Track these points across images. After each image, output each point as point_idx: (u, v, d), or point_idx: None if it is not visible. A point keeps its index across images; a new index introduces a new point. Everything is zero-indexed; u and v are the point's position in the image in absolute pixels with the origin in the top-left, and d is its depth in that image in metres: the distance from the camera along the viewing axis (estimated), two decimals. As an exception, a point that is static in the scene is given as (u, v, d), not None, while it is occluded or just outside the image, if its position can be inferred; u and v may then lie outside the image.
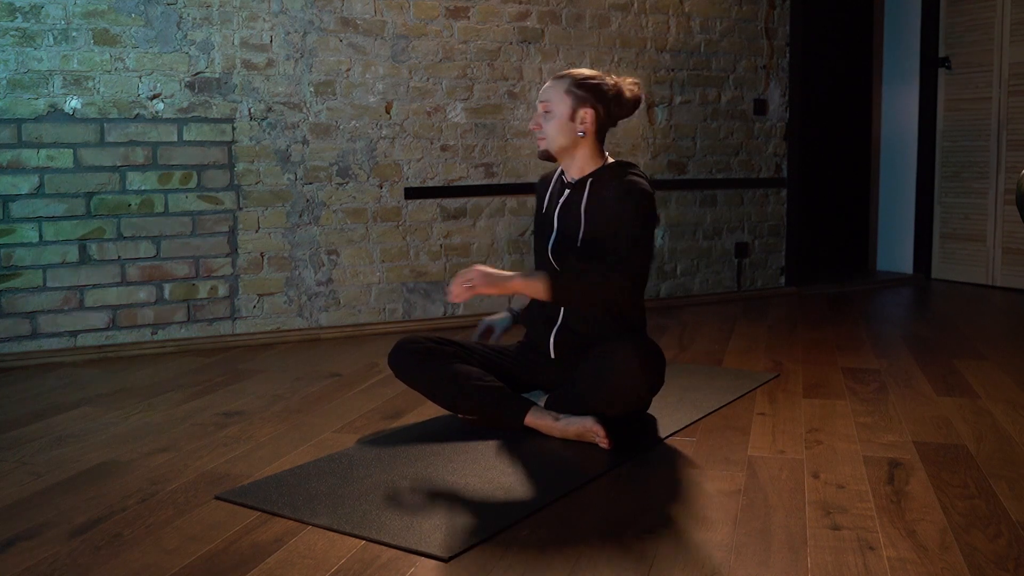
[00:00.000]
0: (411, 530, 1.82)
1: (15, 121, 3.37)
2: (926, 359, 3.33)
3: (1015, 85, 4.90)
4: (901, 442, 2.37)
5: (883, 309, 4.61)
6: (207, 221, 3.67)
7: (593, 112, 2.45)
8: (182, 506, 1.98)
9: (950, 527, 1.83)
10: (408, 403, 2.78)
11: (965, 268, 5.22)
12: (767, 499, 1.98)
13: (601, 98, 2.45)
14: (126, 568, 1.68)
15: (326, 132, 3.83)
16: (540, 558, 1.70)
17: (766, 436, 2.43)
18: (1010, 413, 2.63)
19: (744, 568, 1.65)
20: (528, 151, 4.22)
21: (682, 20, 4.57)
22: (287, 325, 3.84)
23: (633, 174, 2.44)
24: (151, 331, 3.62)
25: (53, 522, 1.91)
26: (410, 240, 4.03)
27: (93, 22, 3.44)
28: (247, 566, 1.68)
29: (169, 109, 3.57)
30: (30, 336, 3.44)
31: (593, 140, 2.48)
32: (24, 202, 3.41)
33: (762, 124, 4.85)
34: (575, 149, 2.47)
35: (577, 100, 2.44)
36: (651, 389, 2.38)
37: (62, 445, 2.43)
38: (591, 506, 1.96)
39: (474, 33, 4.08)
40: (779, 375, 3.11)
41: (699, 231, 4.70)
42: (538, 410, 2.43)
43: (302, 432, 2.52)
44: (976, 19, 5.08)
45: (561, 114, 2.45)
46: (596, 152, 2.50)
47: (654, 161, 4.55)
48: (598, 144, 2.50)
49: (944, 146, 5.30)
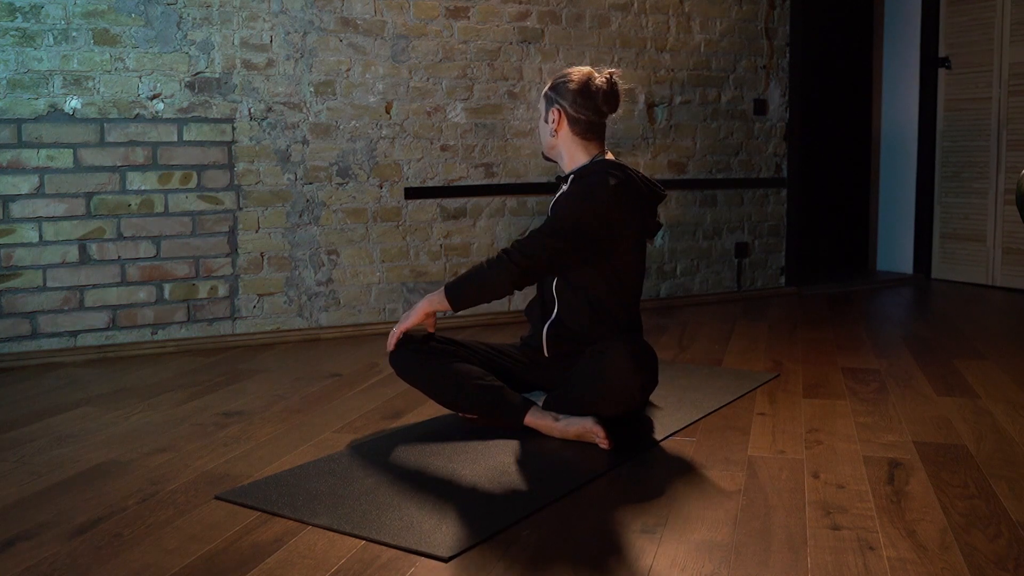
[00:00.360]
0: (411, 530, 1.82)
1: (15, 121, 3.37)
2: (926, 359, 3.33)
3: (1015, 85, 4.90)
4: (901, 442, 2.37)
5: (883, 309, 4.61)
6: (207, 221, 3.67)
7: (559, 111, 2.49)
8: (182, 506, 1.98)
9: (950, 527, 1.83)
10: (408, 403, 2.78)
11: (965, 268, 5.22)
12: (767, 499, 1.98)
13: (564, 95, 2.49)
14: (126, 568, 1.68)
15: (326, 132, 3.83)
16: (540, 558, 1.70)
17: (766, 436, 2.43)
18: (1010, 413, 2.63)
19: (744, 568, 1.65)
20: (528, 151, 4.22)
21: (682, 20, 4.57)
22: (287, 325, 3.84)
23: (610, 172, 2.41)
24: (151, 331, 3.62)
25: (53, 522, 1.91)
26: (410, 240, 4.03)
27: (93, 22, 3.44)
28: (247, 566, 1.68)
29: (169, 109, 3.57)
30: (30, 336, 3.44)
31: (571, 138, 2.50)
32: (24, 202, 3.41)
33: (762, 124, 4.85)
34: (556, 148, 2.55)
35: (548, 101, 2.54)
36: (644, 388, 2.37)
37: (62, 445, 2.43)
38: (591, 506, 1.96)
39: (474, 33, 4.08)
40: (779, 375, 3.11)
41: (699, 231, 4.70)
42: (538, 410, 2.43)
43: (302, 432, 2.52)
44: (976, 19, 5.08)
45: (541, 116, 2.58)
46: (579, 149, 2.51)
47: (654, 161, 4.55)
48: (580, 141, 2.50)
49: (944, 146, 5.30)
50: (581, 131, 2.49)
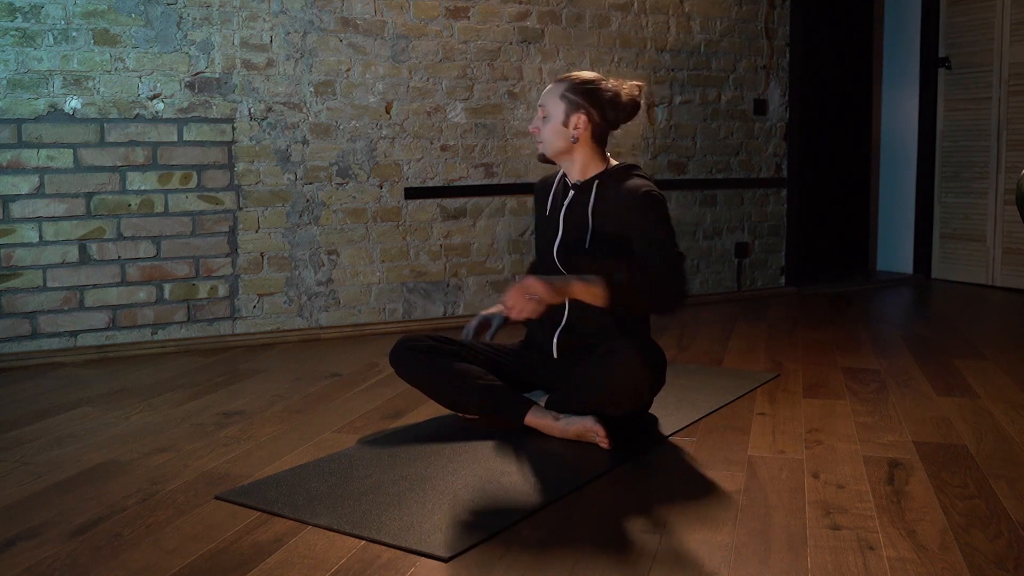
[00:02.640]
0: (411, 530, 1.82)
1: (15, 121, 3.37)
2: (926, 359, 3.33)
3: (1015, 85, 4.90)
4: (901, 442, 2.37)
5: (883, 309, 4.62)
6: (207, 221, 3.67)
7: (586, 117, 2.42)
8: (182, 506, 1.98)
9: (950, 527, 1.83)
10: (408, 403, 2.78)
11: (965, 268, 5.22)
12: (767, 499, 1.98)
13: (596, 103, 2.43)
14: (126, 568, 1.68)
15: (326, 132, 3.83)
16: (540, 558, 1.70)
17: (766, 436, 2.43)
18: (1010, 413, 2.63)
19: (744, 568, 1.65)
20: (528, 151, 4.22)
21: (682, 20, 4.57)
22: (287, 325, 3.84)
23: (638, 175, 2.44)
24: (151, 331, 3.62)
25: (53, 522, 1.91)
26: (410, 240, 4.03)
27: (93, 22, 3.44)
28: (247, 566, 1.68)
29: (169, 109, 3.57)
30: (30, 336, 3.44)
31: (590, 144, 2.46)
32: (24, 202, 3.41)
33: (762, 124, 4.85)
34: (571, 153, 2.47)
35: (571, 105, 2.42)
36: (653, 389, 2.38)
37: (62, 445, 2.43)
38: (591, 506, 1.96)
39: (474, 33, 4.08)
40: (779, 375, 3.11)
41: (699, 231, 4.70)
42: (538, 410, 2.43)
43: (302, 432, 2.52)
44: (976, 19, 5.08)
45: (556, 119, 2.44)
46: (596, 155, 2.49)
47: (654, 161, 4.55)
48: (598, 147, 2.48)
49: (944, 146, 5.30)
50: (599, 138, 2.47)
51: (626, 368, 2.28)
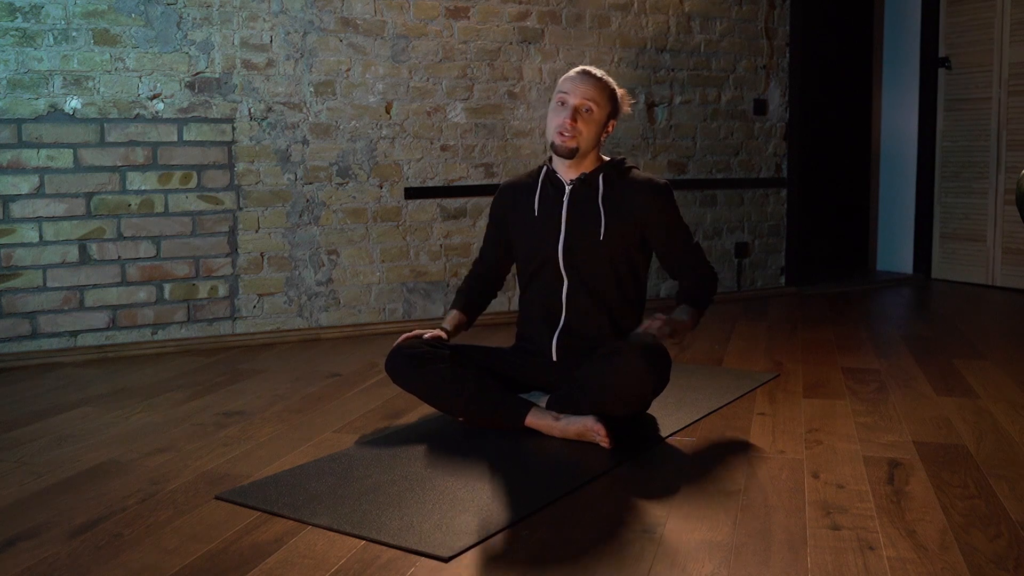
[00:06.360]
0: (411, 530, 1.82)
1: (15, 121, 3.37)
2: (926, 359, 3.33)
3: (1015, 85, 4.90)
4: (901, 442, 2.37)
5: (883, 309, 4.62)
6: (207, 221, 3.67)
7: (615, 121, 2.57)
8: (182, 506, 1.98)
9: (950, 527, 1.83)
10: (408, 403, 2.78)
11: (965, 268, 5.22)
12: (767, 499, 1.98)
13: (617, 111, 2.56)
14: (126, 568, 1.68)
15: (326, 132, 3.83)
16: (540, 558, 1.70)
17: (766, 436, 2.43)
18: (1010, 413, 2.63)
19: (744, 568, 1.65)
20: (528, 151, 4.22)
21: (682, 20, 4.58)
22: (287, 325, 3.84)
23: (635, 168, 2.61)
24: (151, 331, 3.62)
25: (53, 522, 1.91)
26: (410, 240, 4.03)
27: (93, 22, 3.44)
28: (247, 566, 1.68)
29: (169, 109, 3.57)
30: (30, 336, 3.45)
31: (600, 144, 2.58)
32: (24, 202, 3.41)
33: (762, 124, 4.85)
34: (589, 152, 2.52)
35: (614, 108, 2.53)
36: (655, 390, 2.38)
37: (62, 445, 2.43)
38: (591, 506, 1.96)
39: (474, 33, 4.08)
40: (779, 375, 3.11)
41: (699, 231, 4.70)
42: (538, 410, 2.42)
43: (302, 432, 2.52)
44: (976, 19, 5.08)
45: (600, 118, 2.49)
46: (596, 153, 2.58)
47: (654, 161, 4.55)
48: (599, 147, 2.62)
49: (944, 146, 5.30)
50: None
51: (630, 369, 2.29)
